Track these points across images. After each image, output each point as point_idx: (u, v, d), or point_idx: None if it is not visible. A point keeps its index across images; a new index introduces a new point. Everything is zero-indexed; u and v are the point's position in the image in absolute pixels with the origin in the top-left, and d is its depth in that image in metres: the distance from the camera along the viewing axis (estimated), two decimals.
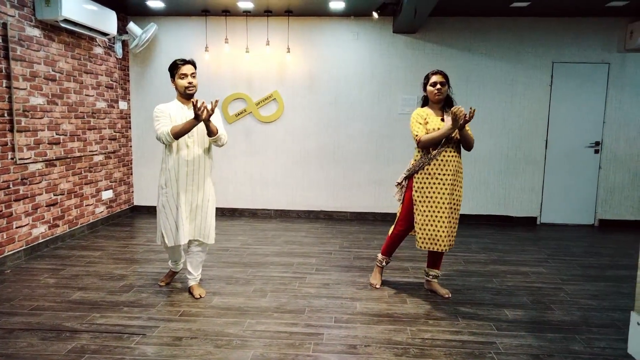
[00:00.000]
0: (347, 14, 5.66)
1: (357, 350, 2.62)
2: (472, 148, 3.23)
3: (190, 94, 3.11)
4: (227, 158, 6.03)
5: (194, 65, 3.13)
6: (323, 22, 5.80)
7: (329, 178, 6.04)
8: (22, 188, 4.15)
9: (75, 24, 4.57)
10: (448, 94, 3.25)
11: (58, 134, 4.61)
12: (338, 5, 5.22)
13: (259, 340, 2.71)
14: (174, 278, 3.66)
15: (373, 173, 5.98)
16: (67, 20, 4.41)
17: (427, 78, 3.25)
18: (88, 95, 5.09)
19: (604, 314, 3.18)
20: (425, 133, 3.16)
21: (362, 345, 2.68)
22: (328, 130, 5.96)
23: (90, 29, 4.84)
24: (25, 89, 4.14)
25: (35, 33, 4.26)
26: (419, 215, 3.24)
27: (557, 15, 5.54)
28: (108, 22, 5.01)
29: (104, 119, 5.43)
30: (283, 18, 5.74)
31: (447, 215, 3.18)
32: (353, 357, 2.56)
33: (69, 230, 4.84)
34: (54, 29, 4.50)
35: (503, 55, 5.71)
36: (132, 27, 5.45)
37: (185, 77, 3.06)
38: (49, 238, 4.53)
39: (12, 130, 4.01)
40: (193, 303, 3.22)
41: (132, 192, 6.18)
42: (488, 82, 5.75)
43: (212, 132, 3.02)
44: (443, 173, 3.17)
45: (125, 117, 5.96)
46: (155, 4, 5.28)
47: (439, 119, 3.20)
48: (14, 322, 2.91)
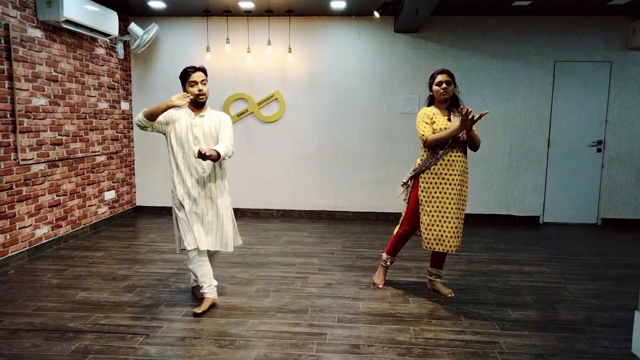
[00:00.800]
0: (348, 14, 5.65)
1: (360, 350, 2.62)
2: (478, 148, 3.22)
3: (201, 102, 3.05)
4: (228, 158, 6.01)
5: (205, 72, 3.05)
6: (324, 21, 5.79)
7: (331, 178, 6.04)
8: (25, 189, 4.15)
9: (77, 25, 4.58)
10: (454, 93, 3.24)
11: (60, 135, 4.61)
12: (339, 5, 5.21)
13: (262, 340, 2.71)
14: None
15: (375, 172, 5.98)
16: (68, 21, 4.41)
17: (432, 77, 3.23)
18: (90, 96, 5.10)
19: (608, 313, 3.17)
20: (432, 133, 3.15)
21: (365, 345, 2.68)
22: (329, 130, 5.96)
23: (92, 30, 4.85)
24: (28, 90, 4.14)
25: (37, 34, 4.26)
26: (425, 216, 3.23)
27: (559, 14, 5.53)
28: (109, 22, 5.01)
29: (106, 120, 5.44)
30: (284, 18, 5.73)
31: (453, 216, 3.16)
32: (356, 357, 2.56)
33: (72, 231, 4.84)
34: (56, 30, 4.50)
35: (505, 54, 5.69)
36: (133, 27, 5.45)
37: (196, 84, 2.99)
38: (52, 239, 4.53)
39: (14, 131, 4.02)
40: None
41: (134, 192, 6.18)
42: (490, 81, 5.74)
43: (214, 159, 2.96)
44: (450, 173, 3.16)
45: (127, 117, 5.97)
46: (157, 5, 5.28)
47: (446, 119, 3.18)
48: (18, 322, 2.91)
